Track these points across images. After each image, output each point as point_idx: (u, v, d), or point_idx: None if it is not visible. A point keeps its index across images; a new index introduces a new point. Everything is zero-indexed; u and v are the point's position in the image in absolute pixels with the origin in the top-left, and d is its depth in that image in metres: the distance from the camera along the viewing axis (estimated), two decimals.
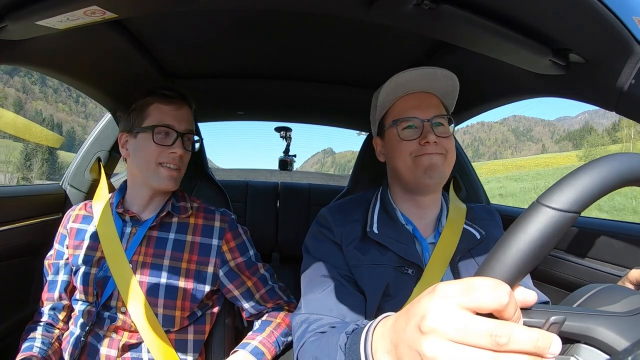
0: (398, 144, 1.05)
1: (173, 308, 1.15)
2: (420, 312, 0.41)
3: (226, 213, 1.28)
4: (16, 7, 0.79)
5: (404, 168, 1.04)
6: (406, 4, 0.78)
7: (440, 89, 1.08)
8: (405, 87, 1.07)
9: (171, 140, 1.16)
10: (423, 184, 1.03)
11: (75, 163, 1.70)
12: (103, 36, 1.13)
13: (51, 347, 1.16)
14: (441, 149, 1.01)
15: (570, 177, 0.44)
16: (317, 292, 0.98)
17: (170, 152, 1.15)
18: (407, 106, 1.06)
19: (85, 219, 1.25)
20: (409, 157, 1.03)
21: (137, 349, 1.13)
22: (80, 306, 1.16)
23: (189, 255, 1.18)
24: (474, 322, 0.37)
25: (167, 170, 1.16)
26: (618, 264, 1.17)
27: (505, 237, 0.43)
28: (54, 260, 1.25)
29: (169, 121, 1.17)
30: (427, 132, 1.00)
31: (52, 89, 48.21)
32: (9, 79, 57.50)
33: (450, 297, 0.39)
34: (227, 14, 1.15)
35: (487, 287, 0.38)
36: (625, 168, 0.43)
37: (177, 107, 1.19)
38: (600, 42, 0.79)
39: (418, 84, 1.06)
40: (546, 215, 0.42)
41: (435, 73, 1.04)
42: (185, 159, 1.21)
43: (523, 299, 0.43)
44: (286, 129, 3.25)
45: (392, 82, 1.06)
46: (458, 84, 1.07)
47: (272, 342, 1.15)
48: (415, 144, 1.02)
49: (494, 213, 1.17)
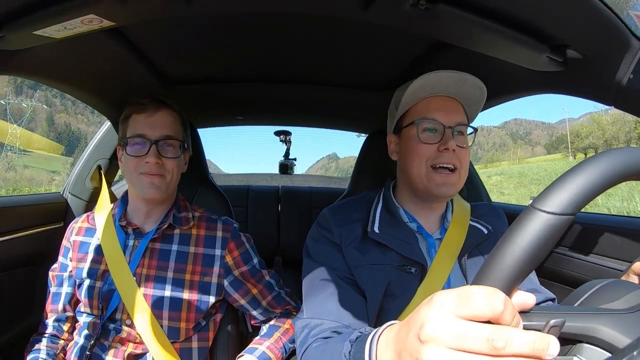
0: (416, 145, 1.02)
1: (178, 320, 1.14)
2: (419, 322, 0.42)
3: (228, 222, 1.27)
4: (14, 17, 0.79)
5: (417, 175, 1.02)
6: (403, 5, 0.78)
7: (466, 97, 1.05)
8: (433, 89, 1.04)
9: (146, 149, 1.13)
10: (433, 196, 1.02)
11: (76, 171, 1.70)
12: (101, 44, 1.13)
13: (56, 359, 1.16)
14: (457, 160, 0.99)
15: (563, 178, 0.44)
16: (317, 296, 0.98)
17: (145, 161, 1.12)
18: (432, 108, 1.03)
19: (88, 231, 1.24)
20: (424, 164, 1.01)
21: (142, 359, 1.13)
22: (85, 318, 1.16)
23: (193, 267, 1.18)
24: (471, 329, 0.38)
25: (147, 178, 1.13)
26: (623, 259, 1.16)
27: (500, 243, 0.43)
28: (57, 272, 1.25)
29: (141, 130, 1.14)
30: (448, 139, 0.98)
31: (70, 100, 47.78)
32: (33, 93, 57.29)
33: (447, 306, 0.40)
34: (224, 19, 1.15)
35: (482, 296, 0.39)
36: (618, 164, 0.43)
37: (150, 114, 1.16)
38: (597, 37, 0.79)
39: (446, 87, 1.03)
40: (541, 220, 0.42)
41: (466, 79, 1.01)
42: (169, 165, 1.16)
43: (521, 303, 0.44)
44: (286, 133, 3.25)
45: (420, 81, 1.03)
46: (486, 94, 1.05)
47: (279, 348, 1.15)
48: (433, 149, 1.00)
49: (498, 210, 1.17)
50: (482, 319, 0.39)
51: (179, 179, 1.22)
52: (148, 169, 1.13)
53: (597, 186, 0.42)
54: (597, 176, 0.42)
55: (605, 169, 0.43)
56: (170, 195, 1.24)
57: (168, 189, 1.18)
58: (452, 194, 1.02)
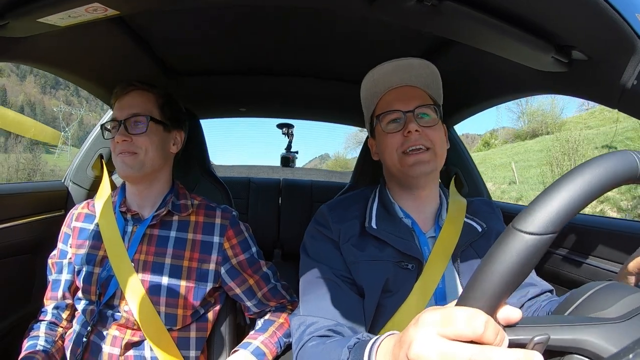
0: (385, 139, 1.05)
1: (175, 306, 1.15)
2: (408, 341, 0.45)
3: (227, 210, 1.28)
4: (18, 5, 0.79)
5: (392, 164, 1.05)
6: (408, 1, 0.77)
7: (421, 80, 1.07)
8: (386, 82, 1.07)
9: (116, 130, 1.16)
10: (412, 178, 1.03)
11: (78, 160, 1.70)
12: (104, 33, 1.13)
13: (54, 346, 1.16)
14: (426, 140, 1.01)
15: (542, 198, 0.44)
16: (314, 294, 0.99)
17: (116, 141, 1.15)
18: (390, 100, 1.06)
19: (88, 217, 1.25)
20: (395, 152, 1.03)
21: (139, 347, 1.13)
22: (83, 305, 1.17)
23: (191, 253, 1.18)
24: (455, 349, 0.41)
25: (120, 157, 1.16)
26: (620, 262, 1.16)
27: (482, 265, 0.44)
28: (57, 259, 1.25)
29: (114, 116, 1.19)
30: (408, 122, 1.00)
31: (84, 98, 47.34)
32: (56, 92, 57.08)
33: (432, 326, 0.43)
34: (229, 10, 1.15)
35: (464, 319, 0.41)
36: (596, 176, 0.43)
37: (120, 98, 1.20)
38: (603, 39, 0.78)
39: (397, 77, 1.06)
40: (522, 241, 0.42)
41: (412, 63, 1.04)
42: (139, 141, 1.16)
43: (506, 318, 0.45)
44: (288, 126, 3.25)
45: (369, 78, 1.08)
46: (437, 71, 1.07)
47: (274, 343, 1.15)
48: (399, 136, 1.02)
49: (493, 206, 1.17)
50: (464, 340, 0.41)
51: (160, 158, 1.21)
52: (120, 148, 1.15)
53: (577, 203, 0.42)
54: (576, 192, 0.42)
55: (583, 183, 0.43)
56: (157, 177, 1.24)
57: (143, 167, 1.17)
58: (428, 171, 1.02)
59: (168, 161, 1.27)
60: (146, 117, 1.17)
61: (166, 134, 1.23)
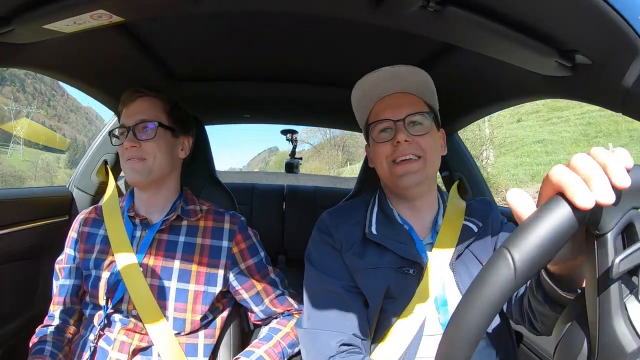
0: (376, 148, 1.05)
1: (184, 311, 1.14)
2: None
3: (236, 215, 1.28)
4: (23, 11, 0.80)
5: (383, 174, 1.05)
6: (412, 6, 0.77)
7: (413, 87, 1.06)
8: (377, 91, 1.06)
9: (125, 137, 1.17)
10: (403, 189, 1.03)
11: (82, 166, 1.71)
12: (109, 40, 1.14)
13: (62, 351, 1.16)
14: (416, 149, 1.00)
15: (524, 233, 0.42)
16: (319, 305, 0.99)
17: (125, 148, 1.16)
18: (381, 108, 1.05)
19: (96, 222, 1.25)
20: (385, 162, 1.02)
21: (147, 353, 1.12)
22: (91, 310, 1.17)
23: (199, 258, 1.18)
24: None
25: (128, 163, 1.17)
26: None
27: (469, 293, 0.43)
28: (64, 264, 1.25)
29: (122, 122, 1.20)
30: (397, 132, 1.00)
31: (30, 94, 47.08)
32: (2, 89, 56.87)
33: None
34: (233, 17, 1.15)
35: None
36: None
37: (128, 105, 1.21)
38: (606, 43, 0.78)
39: (387, 85, 1.05)
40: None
41: (399, 70, 1.02)
42: (148, 147, 1.17)
43: None
44: (292, 132, 3.26)
45: (358, 89, 1.07)
46: (428, 76, 1.06)
47: (277, 353, 1.13)
48: (389, 145, 1.01)
49: (490, 203, 1.17)
50: None
51: (168, 164, 1.22)
52: (128, 155, 1.16)
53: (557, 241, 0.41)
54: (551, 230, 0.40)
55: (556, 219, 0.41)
56: (165, 183, 1.24)
57: (152, 173, 1.18)
58: (418, 182, 1.01)
59: (176, 167, 1.28)
60: (154, 123, 1.18)
61: (174, 139, 1.24)
